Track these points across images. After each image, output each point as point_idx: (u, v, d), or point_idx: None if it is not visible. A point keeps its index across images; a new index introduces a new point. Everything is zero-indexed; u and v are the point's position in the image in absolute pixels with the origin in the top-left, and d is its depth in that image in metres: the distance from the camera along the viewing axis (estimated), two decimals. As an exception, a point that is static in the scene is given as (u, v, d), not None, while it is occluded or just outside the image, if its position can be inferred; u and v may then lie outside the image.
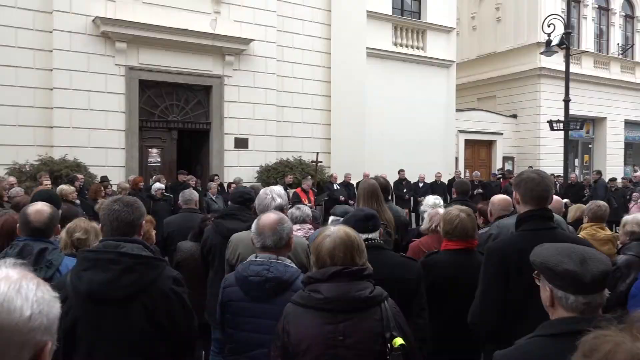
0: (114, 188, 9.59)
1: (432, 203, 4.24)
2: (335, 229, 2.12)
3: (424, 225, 3.77)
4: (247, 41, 12.15)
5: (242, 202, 3.83)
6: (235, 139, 12.43)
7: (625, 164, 21.61)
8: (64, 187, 6.73)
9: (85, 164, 10.08)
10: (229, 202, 4.10)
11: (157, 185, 9.33)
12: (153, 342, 2.17)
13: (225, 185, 11.37)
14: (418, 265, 2.88)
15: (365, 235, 2.65)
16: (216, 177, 11.06)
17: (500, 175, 15.54)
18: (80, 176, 8.71)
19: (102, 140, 10.71)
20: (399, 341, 1.90)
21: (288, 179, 11.50)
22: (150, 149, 11.83)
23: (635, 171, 18.05)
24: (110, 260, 2.14)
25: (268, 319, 2.31)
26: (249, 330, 2.39)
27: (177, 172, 11.12)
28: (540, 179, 2.52)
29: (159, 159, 11.92)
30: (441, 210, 3.67)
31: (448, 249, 3.16)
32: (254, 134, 12.61)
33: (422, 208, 4.36)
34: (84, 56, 10.52)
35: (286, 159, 12.69)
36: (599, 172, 15.30)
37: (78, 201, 7.12)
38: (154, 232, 4.12)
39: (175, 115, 12.02)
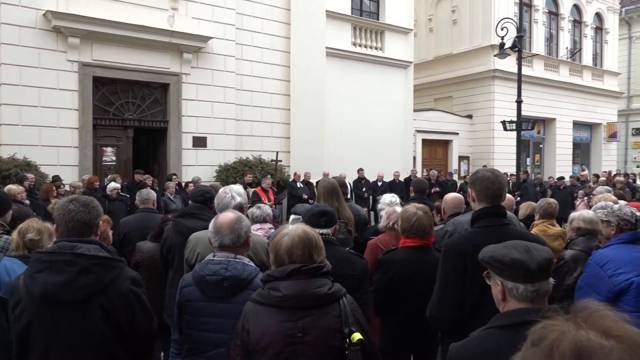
0: (67, 188, 9.30)
1: (388, 201, 4.32)
2: (294, 227, 2.14)
3: (382, 223, 3.83)
4: (205, 39, 12.01)
5: (203, 201, 3.80)
6: (194, 137, 12.26)
7: (574, 163, 22.48)
8: (11, 187, 6.48)
9: (35, 163, 9.73)
10: (190, 201, 4.05)
11: (113, 184, 9.10)
12: (111, 344, 2.14)
13: (183, 184, 11.21)
14: (363, 262, 2.95)
15: (317, 230, 2.72)
16: (174, 177, 10.89)
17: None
18: (30, 175, 8.40)
19: (53, 139, 10.36)
20: (357, 336, 1.95)
21: (247, 178, 11.43)
22: (105, 148, 11.52)
23: (582, 170, 18.84)
24: (66, 262, 2.09)
25: (226, 318, 2.31)
26: (207, 330, 2.37)
27: (133, 172, 10.87)
28: (495, 178, 2.61)
29: (114, 158, 11.63)
30: (398, 208, 3.74)
31: (406, 246, 3.24)
32: (212, 132, 12.47)
33: (379, 206, 4.44)
34: (34, 51, 10.14)
35: (245, 158, 12.62)
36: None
37: (27, 201, 6.88)
38: (110, 232, 4.03)
39: (131, 113, 11.75)
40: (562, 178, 15.08)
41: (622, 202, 4.42)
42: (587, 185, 13.65)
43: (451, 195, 4.34)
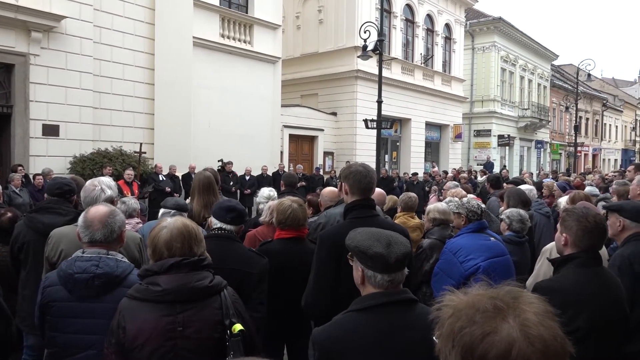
0: None
1: (267, 195, 4.37)
2: (172, 220, 2.09)
3: (265, 218, 3.86)
4: (58, 17, 10.94)
5: (61, 194, 3.50)
6: (44, 125, 11.13)
7: (426, 160, 24.48)
8: None
9: None
10: (46, 195, 3.71)
11: (-57, 176, 7.97)
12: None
13: (31, 176, 10.15)
14: (263, 262, 2.93)
15: (220, 224, 2.76)
16: (20, 168, 9.82)
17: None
18: None
19: None
20: (238, 327, 1.96)
21: (106, 171, 10.67)
22: None
23: (433, 167, 20.62)
24: None
25: (96, 318, 2.18)
26: (74, 332, 2.21)
27: (-32, 162, 9.62)
28: (367, 172, 2.78)
29: (-57, 146, 10.16)
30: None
31: (281, 238, 3.31)
32: (66, 120, 11.42)
33: (257, 199, 4.46)
34: None
35: (105, 149, 11.78)
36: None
37: None
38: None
39: (-34, 95, 10.35)
40: (416, 174, 16.42)
41: (470, 195, 4.95)
42: (438, 180, 15.01)
43: (328, 189, 4.56)
